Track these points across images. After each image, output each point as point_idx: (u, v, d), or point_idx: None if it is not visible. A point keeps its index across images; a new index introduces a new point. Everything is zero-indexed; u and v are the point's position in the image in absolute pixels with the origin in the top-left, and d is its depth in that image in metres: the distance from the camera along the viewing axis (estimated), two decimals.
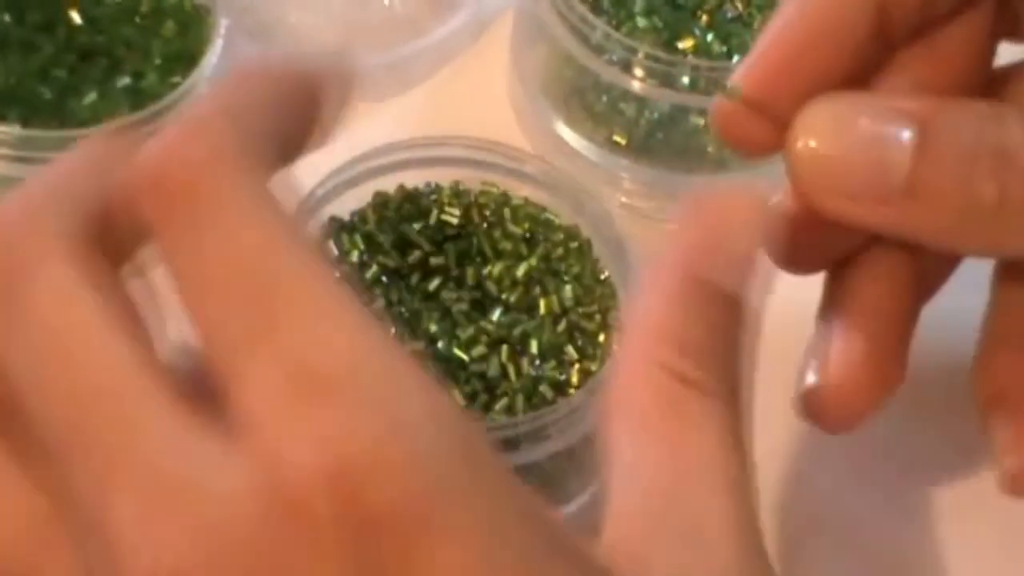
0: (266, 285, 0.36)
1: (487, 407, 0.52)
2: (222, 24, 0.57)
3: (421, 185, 0.55)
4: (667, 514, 0.37)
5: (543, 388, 0.52)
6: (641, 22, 0.58)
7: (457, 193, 0.55)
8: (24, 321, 0.35)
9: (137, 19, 0.57)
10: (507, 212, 0.55)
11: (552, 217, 0.55)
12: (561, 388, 0.52)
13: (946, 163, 0.43)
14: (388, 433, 0.33)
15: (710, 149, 0.59)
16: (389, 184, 0.55)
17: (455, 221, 0.54)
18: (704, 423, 0.37)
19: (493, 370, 0.52)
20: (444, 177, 0.55)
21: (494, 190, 0.55)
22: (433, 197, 0.55)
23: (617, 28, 0.58)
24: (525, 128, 0.62)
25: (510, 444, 0.51)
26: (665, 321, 0.38)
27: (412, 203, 0.55)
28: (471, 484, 0.34)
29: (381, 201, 0.55)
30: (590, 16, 0.57)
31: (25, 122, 0.54)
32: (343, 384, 0.34)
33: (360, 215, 0.55)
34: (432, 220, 0.54)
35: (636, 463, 0.37)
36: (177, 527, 0.33)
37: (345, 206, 0.54)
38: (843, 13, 0.46)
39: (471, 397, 0.52)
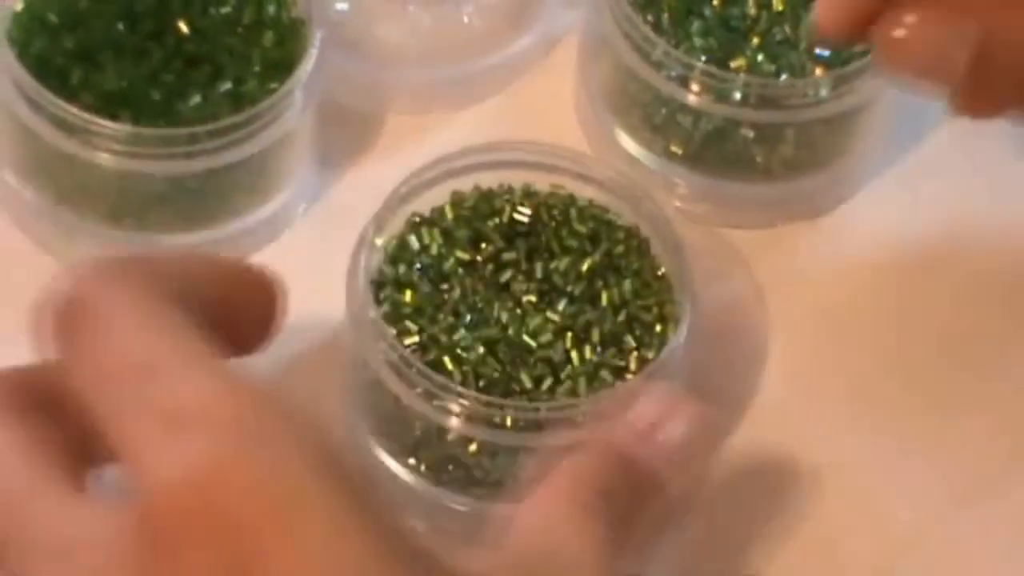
0: (149, 364, 0.39)
1: (551, 390, 0.52)
2: (317, 36, 0.57)
3: (495, 186, 0.55)
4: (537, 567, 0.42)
5: (603, 373, 0.53)
6: (698, 42, 0.59)
7: (528, 194, 0.55)
8: None
9: (239, 29, 0.57)
10: (573, 212, 0.55)
11: (614, 218, 0.55)
12: (620, 373, 0.53)
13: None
14: (243, 451, 0.36)
15: (758, 159, 0.59)
16: (466, 184, 0.55)
17: (526, 220, 0.55)
18: (588, 535, 0.43)
19: (558, 355, 0.52)
20: (516, 179, 0.56)
21: (562, 192, 0.55)
22: (506, 197, 0.55)
23: (676, 47, 0.58)
24: (589, 136, 0.62)
25: (571, 424, 0.51)
26: (591, 473, 0.45)
27: (486, 202, 0.55)
28: (320, 495, 0.36)
29: (458, 199, 0.55)
30: (652, 35, 0.58)
31: (135, 121, 0.54)
32: (203, 416, 0.37)
33: (439, 212, 0.55)
34: (504, 218, 0.55)
35: (520, 531, 0.43)
36: None
37: (425, 203, 0.55)
38: None
39: (537, 380, 0.52)
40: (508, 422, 0.51)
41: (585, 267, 0.54)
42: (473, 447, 0.52)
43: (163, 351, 0.40)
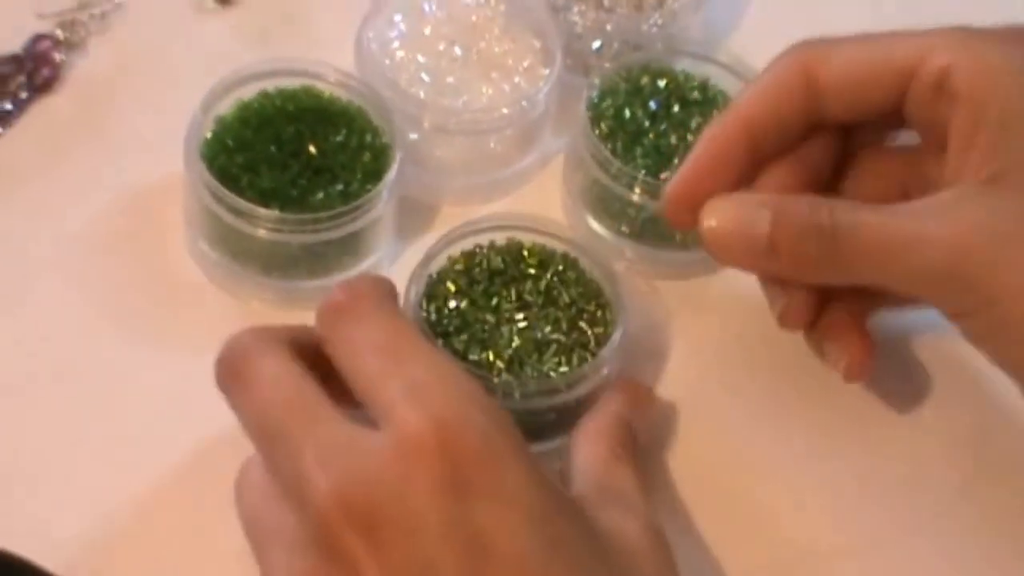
0: (392, 350, 0.47)
1: (552, 360, 0.59)
2: (398, 155, 0.65)
3: (471, 246, 0.63)
4: (605, 491, 0.52)
5: (578, 348, 0.60)
6: (640, 161, 0.68)
7: (494, 246, 0.63)
8: (249, 382, 0.47)
9: (348, 150, 0.65)
10: (525, 252, 0.63)
11: (551, 249, 0.63)
12: (584, 346, 0.60)
13: (789, 232, 0.53)
14: (470, 409, 0.44)
15: (677, 237, 0.69)
16: (456, 249, 0.63)
17: (501, 264, 0.62)
18: (624, 472, 0.53)
19: (553, 339, 0.59)
20: (484, 239, 0.63)
21: (514, 241, 0.63)
22: (481, 253, 0.62)
23: (625, 164, 0.67)
24: (570, 222, 0.71)
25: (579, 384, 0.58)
26: (609, 428, 0.55)
27: (472, 257, 0.62)
28: (514, 441, 0.45)
29: (457, 259, 0.62)
30: (610, 157, 0.67)
31: (281, 209, 0.62)
32: (441, 389, 0.44)
33: (448, 268, 0.62)
34: (487, 265, 0.62)
35: (585, 473, 0.52)
36: (341, 467, 0.43)
37: (434, 265, 0.62)
38: (728, 147, 0.56)
39: (544, 358, 0.59)
40: (540, 388, 0.58)
41: (543, 285, 0.62)
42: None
43: (404, 340, 0.47)
